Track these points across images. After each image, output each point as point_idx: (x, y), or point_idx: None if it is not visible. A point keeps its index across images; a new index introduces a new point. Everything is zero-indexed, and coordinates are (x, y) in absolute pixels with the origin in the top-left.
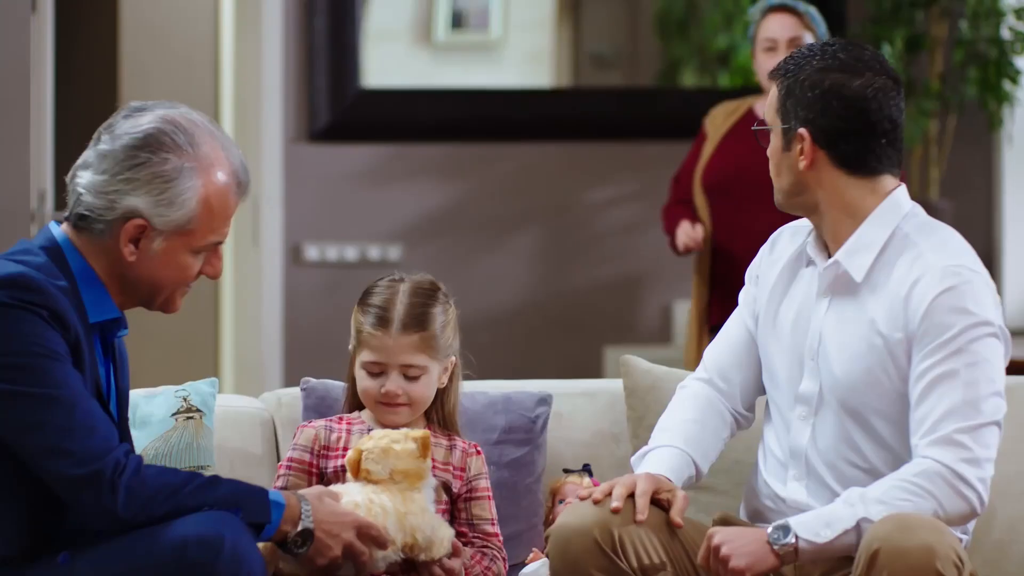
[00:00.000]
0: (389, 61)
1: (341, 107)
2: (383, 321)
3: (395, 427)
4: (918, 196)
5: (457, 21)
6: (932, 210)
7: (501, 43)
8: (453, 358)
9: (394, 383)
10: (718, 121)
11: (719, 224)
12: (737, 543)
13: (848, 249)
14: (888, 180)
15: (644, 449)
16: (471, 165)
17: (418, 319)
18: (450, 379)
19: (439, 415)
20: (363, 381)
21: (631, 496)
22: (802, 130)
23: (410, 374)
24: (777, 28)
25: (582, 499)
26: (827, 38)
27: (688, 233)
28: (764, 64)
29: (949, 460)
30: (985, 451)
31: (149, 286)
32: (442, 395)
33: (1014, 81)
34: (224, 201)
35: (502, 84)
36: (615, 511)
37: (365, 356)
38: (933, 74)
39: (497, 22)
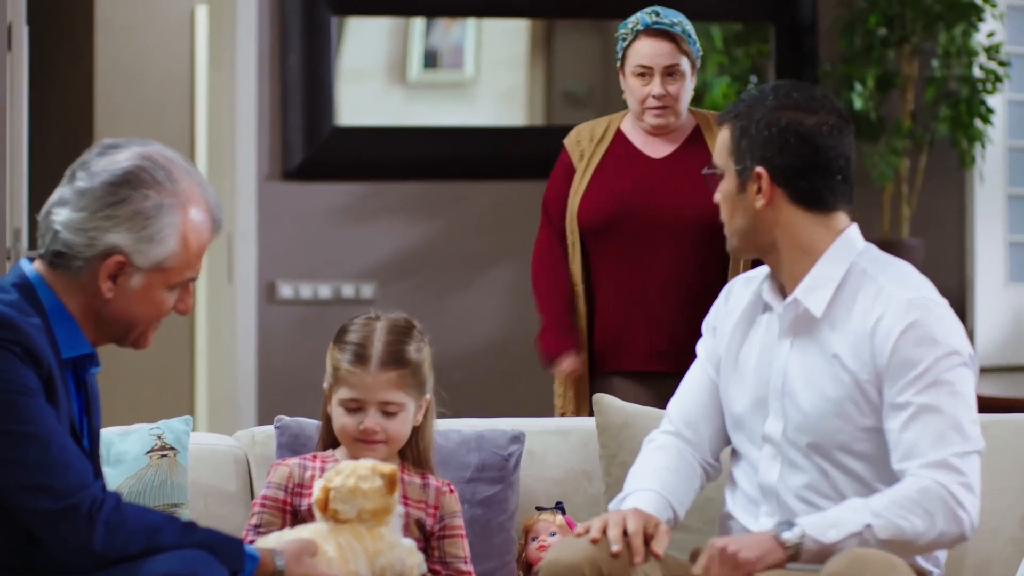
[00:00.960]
0: (363, 100)
1: (315, 145)
2: (361, 358)
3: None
4: (889, 234)
5: (431, 60)
6: (903, 248)
7: (474, 82)
8: (428, 396)
9: (372, 420)
10: (584, 146)
11: (601, 265)
12: (743, 541)
13: (806, 286)
14: (841, 217)
15: (621, 495)
16: (445, 203)
17: (396, 356)
18: (424, 417)
19: (413, 453)
20: (340, 418)
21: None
22: (759, 169)
23: (388, 411)
24: (652, 54)
25: (579, 535)
26: (700, 54)
27: (572, 366)
28: (637, 90)
29: (948, 483)
30: (975, 478)
31: (124, 322)
32: (416, 433)
33: (985, 119)
34: (201, 237)
35: (476, 123)
36: (615, 555)
37: (343, 393)
38: (904, 112)
39: (470, 61)
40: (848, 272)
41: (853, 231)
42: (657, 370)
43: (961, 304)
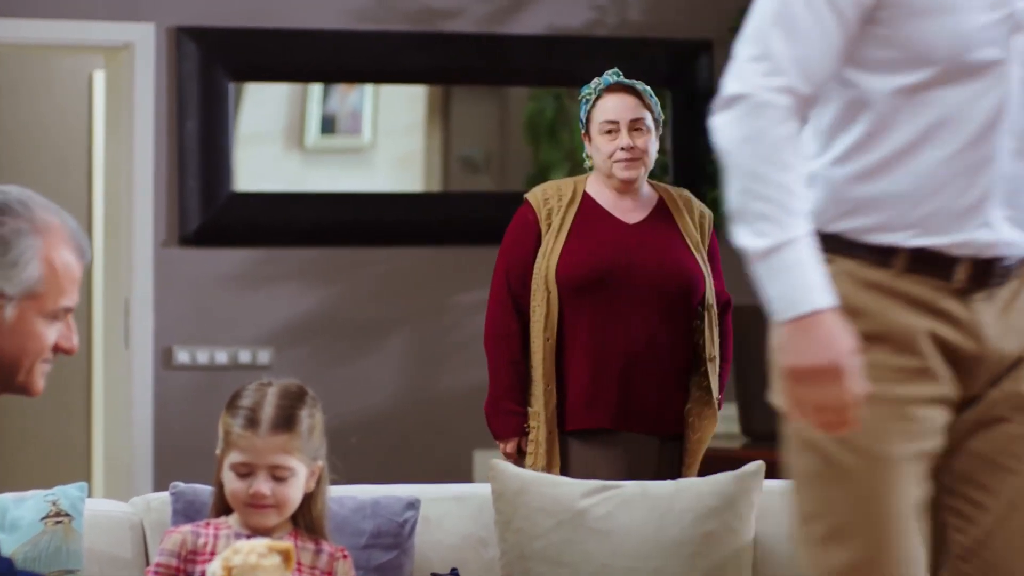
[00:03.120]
0: (260, 165)
1: (212, 211)
2: (252, 422)
3: (263, 529)
4: None
5: (328, 125)
6: None
7: (372, 147)
8: (320, 462)
9: (262, 484)
10: (552, 204)
11: (575, 323)
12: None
13: None
14: None
15: (780, 240)
16: (342, 269)
17: (287, 420)
18: (317, 484)
19: (306, 519)
20: (231, 483)
21: None
22: None
23: (278, 475)
24: (618, 108)
25: None
26: (662, 117)
27: (512, 450)
28: (604, 146)
29: None
30: None
31: (6, 362)
32: (309, 500)
33: None
34: (65, 260)
35: (373, 188)
36: None
37: (234, 457)
38: None
39: (368, 126)
40: None
41: None
42: (627, 430)
43: None
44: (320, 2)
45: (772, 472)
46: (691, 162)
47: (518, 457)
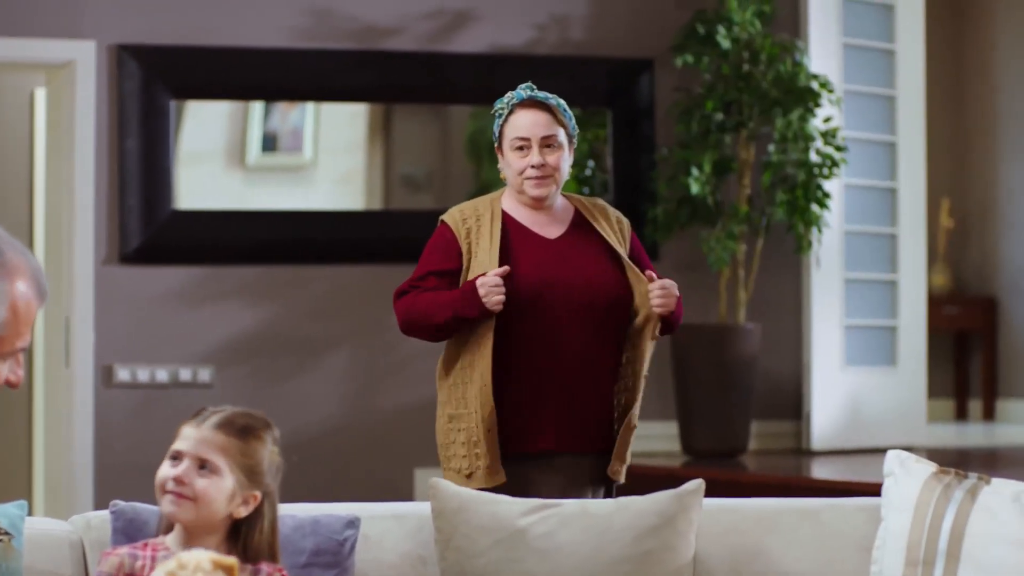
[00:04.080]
0: (202, 183)
1: (153, 229)
2: (201, 416)
3: (180, 522)
4: (726, 319)
5: (270, 144)
6: (740, 333)
7: (313, 165)
8: (257, 493)
9: (185, 469)
10: (471, 224)
11: (509, 345)
12: None
13: None
14: None
15: None
16: (283, 287)
17: (233, 424)
18: (255, 514)
19: (244, 545)
20: (161, 470)
21: None
22: None
23: (203, 467)
24: (529, 124)
25: None
26: (576, 131)
27: (496, 279)
28: (515, 162)
29: None
30: None
31: None
32: (243, 527)
33: (822, 204)
34: (29, 306)
35: (314, 206)
36: None
37: (173, 446)
38: (741, 197)
39: (309, 145)
40: None
41: None
42: (568, 451)
43: (798, 388)
44: (261, 21)
45: (712, 490)
46: (632, 180)
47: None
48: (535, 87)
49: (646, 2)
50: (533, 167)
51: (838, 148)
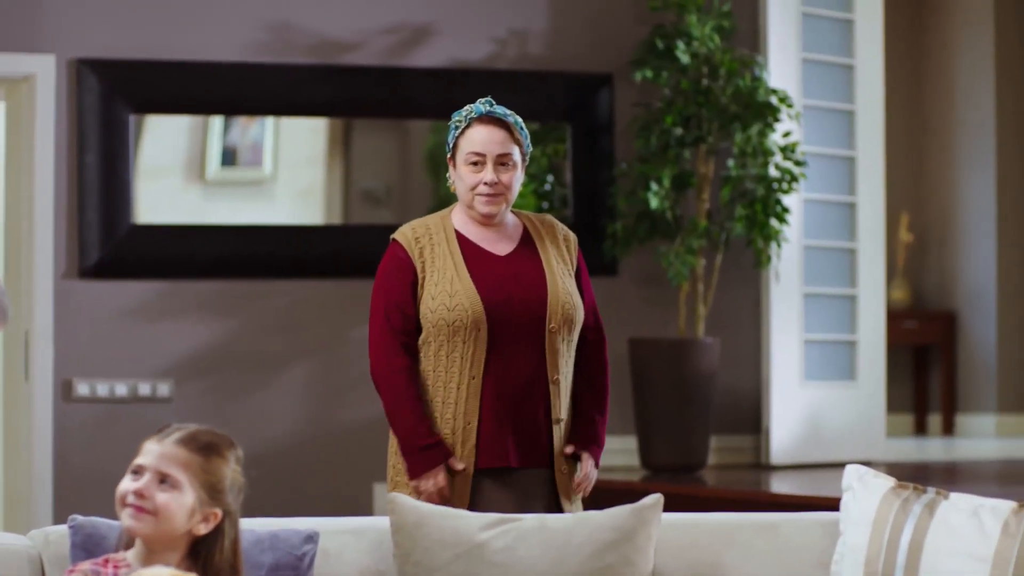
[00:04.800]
0: (161, 197)
1: (113, 243)
2: (164, 432)
3: (139, 536)
4: (685, 333)
5: (229, 158)
6: (699, 347)
7: (273, 180)
8: (218, 511)
9: (146, 483)
10: (423, 243)
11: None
12: None
13: None
14: None
15: None
16: (242, 301)
17: (195, 440)
18: (215, 533)
19: (204, 563)
20: (121, 483)
21: None
22: None
23: (164, 482)
24: (486, 140)
25: None
26: (530, 150)
27: (439, 487)
28: (468, 177)
29: None
30: None
31: None
32: (204, 545)
33: (781, 219)
34: None
35: (273, 221)
36: None
37: (135, 460)
38: (700, 212)
39: (269, 159)
40: None
41: None
42: (523, 466)
43: (757, 403)
44: (221, 35)
45: (671, 505)
46: (591, 195)
47: (446, 489)
48: (494, 102)
49: (605, 17)
50: (486, 184)
51: (797, 163)
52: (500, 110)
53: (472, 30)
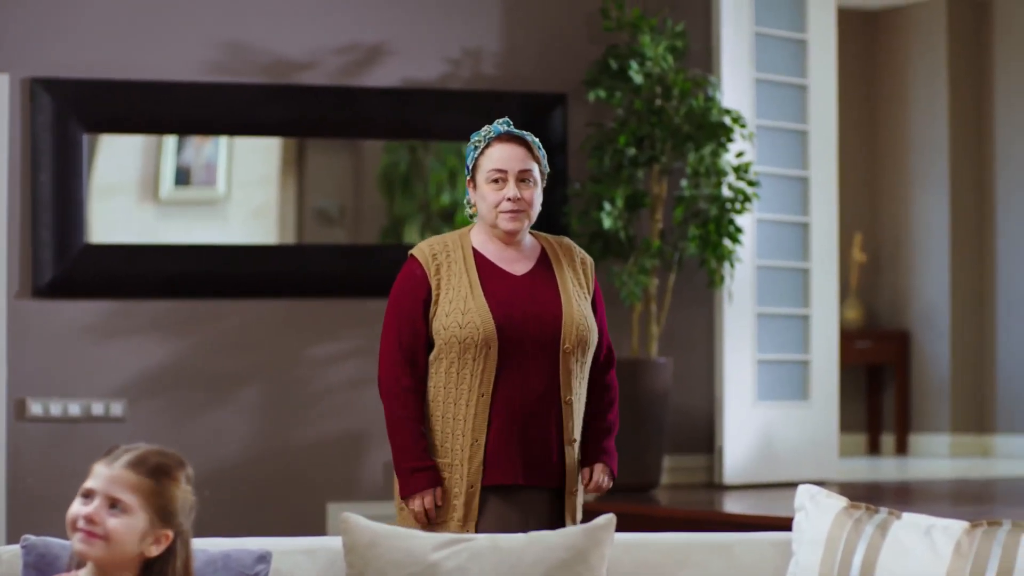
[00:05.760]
0: (115, 217)
1: (66, 263)
2: (113, 455)
3: (90, 560)
4: (638, 353)
5: (183, 177)
6: (652, 367)
7: (226, 199)
8: (170, 532)
9: (97, 508)
10: (440, 260)
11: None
12: None
13: None
14: None
15: None
16: (196, 321)
17: (144, 463)
18: (168, 553)
19: None
20: (72, 507)
21: None
22: None
23: (114, 506)
24: (507, 158)
25: None
26: (548, 171)
27: (427, 507)
28: (491, 195)
29: None
30: None
31: None
32: (156, 566)
33: (734, 239)
34: None
35: (227, 240)
36: None
37: (84, 484)
38: (654, 232)
39: (222, 178)
40: None
41: None
42: (531, 485)
43: (710, 422)
44: (175, 54)
45: (624, 525)
46: (544, 214)
47: (431, 511)
48: (511, 123)
49: (559, 37)
50: (509, 200)
51: (750, 183)
52: (518, 131)
53: (425, 50)
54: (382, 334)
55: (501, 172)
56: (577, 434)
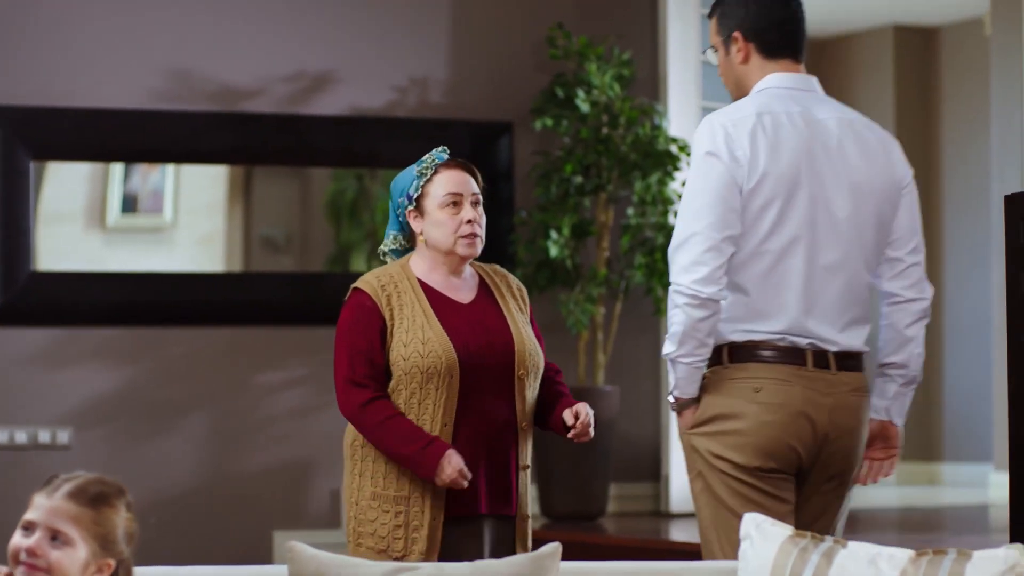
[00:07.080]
0: (61, 244)
1: (12, 290)
2: (50, 485)
3: None
4: (584, 381)
5: (129, 205)
6: (598, 395)
7: (173, 227)
8: (111, 561)
9: (38, 541)
10: (390, 291)
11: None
12: None
13: None
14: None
15: None
16: (142, 349)
17: (84, 493)
18: None
19: None
20: (13, 540)
21: None
22: (736, 33)
23: (56, 539)
24: (460, 182)
25: None
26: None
27: (458, 468)
28: (449, 220)
29: None
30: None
31: None
32: None
33: None
34: None
35: (174, 268)
36: None
37: (25, 516)
38: (600, 260)
39: (169, 206)
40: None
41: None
42: (492, 513)
43: (656, 450)
44: (121, 82)
45: (570, 553)
46: (491, 243)
47: (464, 469)
48: (448, 150)
49: (505, 65)
50: (468, 222)
51: None
52: (458, 158)
53: (372, 78)
54: (335, 371)
55: (457, 195)
56: (528, 459)
